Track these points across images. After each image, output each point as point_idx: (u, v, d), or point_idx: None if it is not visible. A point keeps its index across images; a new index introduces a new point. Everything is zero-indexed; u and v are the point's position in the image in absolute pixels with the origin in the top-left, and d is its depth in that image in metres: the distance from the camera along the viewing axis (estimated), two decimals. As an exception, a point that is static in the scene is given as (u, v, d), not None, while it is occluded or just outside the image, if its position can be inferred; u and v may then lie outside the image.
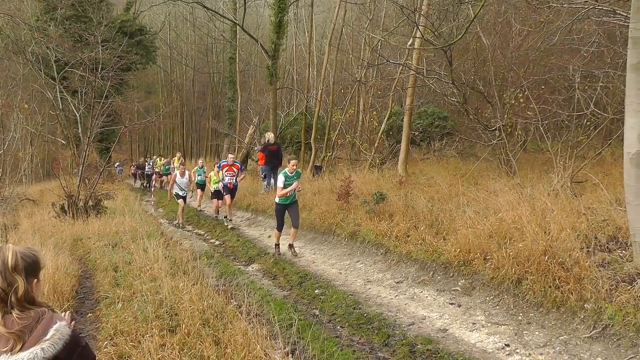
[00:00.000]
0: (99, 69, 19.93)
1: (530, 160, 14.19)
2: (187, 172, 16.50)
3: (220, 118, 44.46)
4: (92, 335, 5.95)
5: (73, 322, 2.47)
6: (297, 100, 28.82)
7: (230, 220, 15.05)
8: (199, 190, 18.34)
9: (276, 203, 10.81)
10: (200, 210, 18.56)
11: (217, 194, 16.23)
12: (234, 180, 15.15)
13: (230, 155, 15.60)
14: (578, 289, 5.86)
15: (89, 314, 6.84)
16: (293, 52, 35.67)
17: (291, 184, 10.48)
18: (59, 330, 2.17)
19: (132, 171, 36.36)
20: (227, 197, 14.99)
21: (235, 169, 15.18)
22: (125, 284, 7.20)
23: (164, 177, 27.40)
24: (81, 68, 22.03)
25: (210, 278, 7.54)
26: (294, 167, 10.54)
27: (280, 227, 10.93)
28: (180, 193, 16.13)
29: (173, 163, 24.94)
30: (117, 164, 38.86)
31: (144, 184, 31.59)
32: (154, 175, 28.36)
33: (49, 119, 34.23)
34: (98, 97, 17.58)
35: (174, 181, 16.11)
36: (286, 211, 10.81)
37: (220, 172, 15.29)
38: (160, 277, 6.88)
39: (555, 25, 12.15)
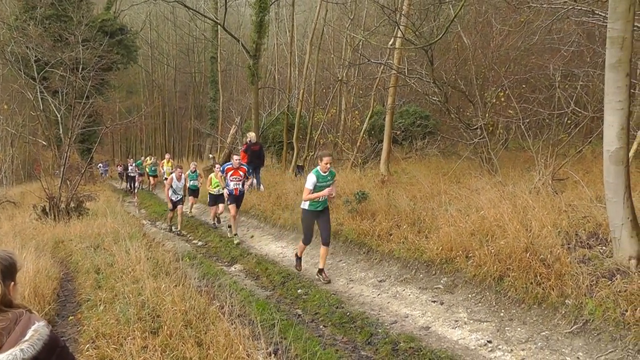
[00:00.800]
0: (80, 69, 19.80)
1: (511, 158, 14.27)
2: (183, 176, 15.27)
3: (202, 118, 44.32)
4: (74, 338, 5.88)
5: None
6: (279, 99, 28.79)
7: (236, 234, 12.73)
8: (190, 197, 16.81)
9: (303, 209, 8.80)
10: (192, 216, 17.26)
11: (216, 199, 14.87)
12: (241, 186, 12.92)
13: (235, 157, 13.11)
14: (559, 285, 5.90)
15: (70, 317, 6.76)
16: (275, 52, 35.65)
17: (324, 187, 8.55)
18: (37, 330, 2.14)
19: (120, 171, 34.76)
20: (233, 208, 12.70)
21: (242, 173, 12.93)
22: (107, 286, 7.13)
23: (151, 178, 26.73)
24: (61, 68, 21.87)
25: (192, 279, 7.49)
26: (328, 165, 8.58)
27: (307, 240, 9.03)
28: (173, 198, 14.88)
29: (162, 166, 22.84)
30: (102, 164, 38.43)
31: (127, 186, 30.03)
32: (137, 176, 27.75)
33: (29, 120, 33.80)
34: (79, 98, 17.48)
35: (170, 186, 14.79)
36: (315, 221, 8.88)
37: (224, 176, 13.10)
38: (143, 279, 6.81)
39: (535, 25, 12.26)
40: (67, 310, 7.23)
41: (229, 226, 13.30)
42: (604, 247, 6.34)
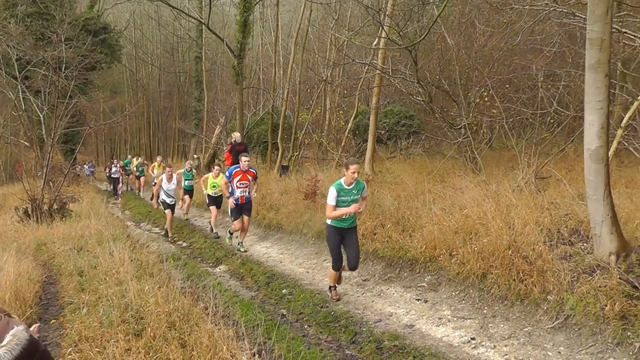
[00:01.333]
0: (63, 68, 19.61)
1: (495, 157, 14.37)
2: (174, 176, 14.12)
3: (186, 118, 44.07)
4: (56, 342, 5.81)
5: (36, 326, 2.42)
6: (263, 99, 28.72)
7: (246, 251, 11.25)
8: (186, 197, 16.13)
9: (327, 225, 7.43)
10: (187, 220, 16.46)
11: (215, 201, 13.96)
12: (247, 194, 11.00)
13: (244, 159, 10.88)
14: (541, 281, 5.97)
15: (53, 321, 6.69)
16: (259, 52, 35.57)
17: (349, 202, 7.17)
18: (16, 335, 2.13)
19: (107, 174, 31.89)
20: (246, 220, 11.23)
21: (250, 177, 11.00)
22: (91, 288, 7.06)
23: (139, 179, 25.28)
24: (44, 67, 21.66)
25: (177, 280, 7.48)
26: (355, 174, 7.12)
27: (337, 264, 7.47)
28: (168, 201, 13.88)
29: (152, 169, 20.92)
30: (88, 165, 37.85)
31: (110, 189, 28.45)
32: (120, 177, 26.46)
33: (11, 120, 33.35)
34: (62, 97, 17.31)
35: (160, 187, 14.03)
36: (341, 240, 7.46)
37: (230, 182, 10.95)
38: (126, 281, 6.75)
39: (517, 26, 12.37)
40: (49, 313, 7.13)
41: (239, 242, 11.42)
42: (585, 244, 6.42)
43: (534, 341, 5.45)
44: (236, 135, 17.93)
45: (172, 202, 13.96)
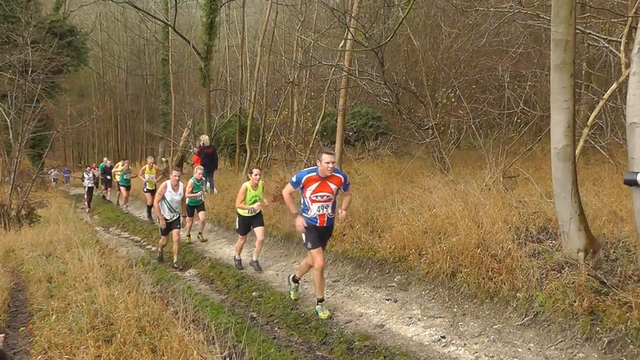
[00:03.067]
0: (29, 72, 19.21)
1: (463, 157, 14.48)
2: (181, 184, 10.99)
3: (154, 121, 43.65)
4: (25, 350, 5.67)
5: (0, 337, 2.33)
6: (231, 102, 28.62)
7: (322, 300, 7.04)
8: (200, 214, 12.52)
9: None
10: (204, 241, 12.76)
11: (251, 223, 9.95)
12: (329, 212, 7.02)
13: (327, 158, 6.66)
14: (510, 279, 6.01)
15: (21, 328, 6.53)
16: (226, 54, 35.41)
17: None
18: None
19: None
20: (318, 257, 6.86)
21: (335, 186, 6.93)
22: (60, 294, 6.92)
23: (123, 189, 20.17)
24: (10, 71, 21.19)
25: (146, 285, 7.37)
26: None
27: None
28: (168, 217, 10.71)
29: (142, 173, 16.99)
30: (54, 170, 36.89)
31: (84, 198, 23.87)
32: (94, 187, 23.69)
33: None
34: (29, 101, 17.01)
35: (162, 197, 10.59)
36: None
37: (302, 194, 7.03)
38: (96, 286, 6.64)
39: (483, 27, 12.48)
40: (18, 321, 6.97)
41: (294, 279, 7.69)
42: (553, 241, 6.48)
43: (504, 338, 5.47)
44: (204, 138, 17.84)
45: (173, 218, 10.78)
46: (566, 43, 5.74)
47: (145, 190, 16.91)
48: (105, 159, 25.81)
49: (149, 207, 16.29)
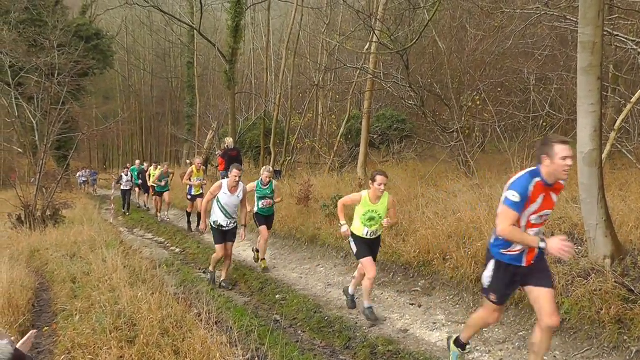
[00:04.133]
0: (55, 75, 19.48)
1: (488, 161, 14.35)
2: (242, 185, 8.83)
3: (179, 124, 44.04)
4: (49, 349, 5.76)
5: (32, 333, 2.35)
6: (255, 104, 28.75)
7: None
8: (262, 229, 10.09)
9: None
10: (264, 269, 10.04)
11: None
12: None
13: (562, 148, 4.12)
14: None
15: (45, 328, 6.62)
16: (251, 57, 35.61)
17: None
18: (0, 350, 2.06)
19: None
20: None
21: (556, 198, 4.57)
22: (84, 295, 6.98)
23: (160, 196, 17.76)
24: (37, 74, 21.53)
25: (170, 286, 7.42)
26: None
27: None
28: (224, 223, 8.74)
29: (189, 176, 14.67)
30: (84, 172, 37.16)
31: (124, 206, 21.23)
32: (134, 189, 21.53)
33: (4, 127, 33.23)
34: (55, 104, 17.20)
35: (213, 198, 8.78)
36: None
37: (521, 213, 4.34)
38: (119, 287, 6.68)
39: (509, 29, 12.39)
40: (42, 321, 7.07)
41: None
42: (579, 247, 6.40)
43: (529, 346, 5.42)
44: (229, 141, 17.89)
45: (229, 226, 8.80)
46: (593, 45, 5.67)
47: (189, 196, 14.65)
48: (138, 162, 23.73)
49: (192, 215, 14.74)
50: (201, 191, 14.24)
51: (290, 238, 11.64)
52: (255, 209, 10.06)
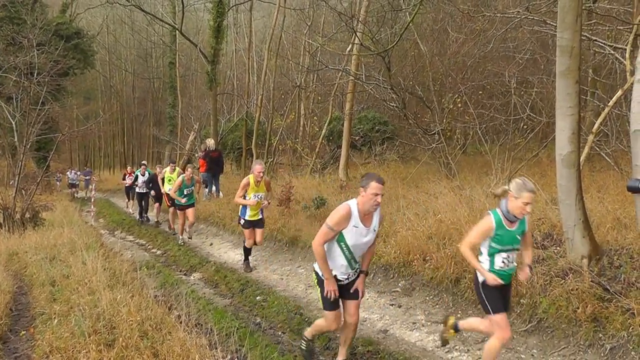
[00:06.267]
0: (35, 74, 19.27)
1: (469, 162, 14.45)
2: (378, 211, 5.02)
3: (161, 125, 43.73)
4: (27, 354, 5.69)
5: None
6: (237, 106, 28.66)
7: None
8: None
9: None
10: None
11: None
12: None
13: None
14: (514, 285, 5.99)
15: (22, 332, 6.55)
16: (233, 58, 35.49)
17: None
18: None
19: (127, 184, 21.07)
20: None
21: None
22: (63, 298, 6.91)
23: (184, 211, 12.77)
24: (15, 73, 21.29)
25: (150, 289, 7.37)
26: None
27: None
28: (343, 276, 5.06)
29: (243, 192, 9.48)
30: (86, 170, 36.58)
31: (140, 213, 17.80)
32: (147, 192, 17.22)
33: (-18, 128, 32.85)
34: (34, 104, 17.03)
35: (334, 235, 4.89)
36: None
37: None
38: (99, 290, 6.62)
39: (490, 33, 12.52)
40: (20, 325, 6.97)
41: None
42: (558, 248, 6.48)
43: (507, 344, 5.46)
44: (210, 142, 17.85)
45: (353, 278, 5.16)
46: (572, 49, 5.75)
47: (242, 221, 9.79)
48: (144, 166, 18.82)
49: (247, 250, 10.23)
50: (260, 216, 9.78)
51: (272, 239, 11.61)
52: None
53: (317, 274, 5.11)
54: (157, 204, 16.71)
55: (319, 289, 5.09)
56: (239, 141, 23.30)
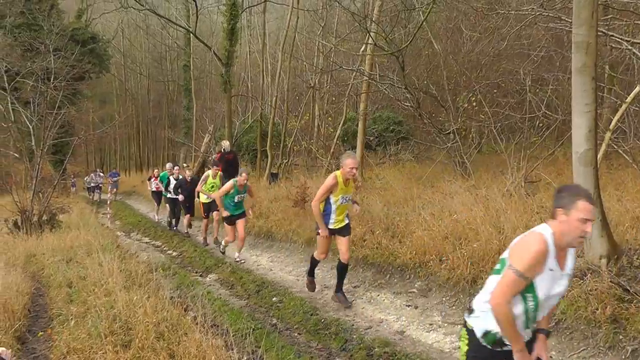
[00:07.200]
0: (51, 79, 19.44)
1: (485, 161, 14.36)
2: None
3: (176, 127, 44.00)
4: (44, 355, 5.75)
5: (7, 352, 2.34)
6: (252, 107, 28.68)
7: None
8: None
9: None
10: None
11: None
12: None
13: None
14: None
15: (40, 333, 6.60)
16: (247, 60, 35.50)
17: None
18: None
19: (154, 187, 20.01)
20: None
21: None
22: (79, 299, 6.97)
23: (237, 225, 10.96)
24: (33, 78, 21.50)
25: (166, 290, 7.39)
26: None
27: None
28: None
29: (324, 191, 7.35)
30: (113, 172, 36.48)
31: (170, 223, 16.36)
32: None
33: (0, 132, 33.14)
34: (51, 108, 17.17)
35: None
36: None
37: None
38: (115, 292, 6.66)
39: (504, 30, 12.40)
40: (38, 326, 7.05)
41: None
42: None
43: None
44: (225, 144, 17.83)
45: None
46: (587, 45, 5.68)
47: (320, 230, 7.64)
48: (169, 165, 17.33)
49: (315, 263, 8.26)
50: (346, 221, 7.69)
51: (287, 241, 11.62)
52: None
53: (470, 331, 3.41)
54: (187, 215, 15.03)
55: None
56: (254, 142, 23.33)
